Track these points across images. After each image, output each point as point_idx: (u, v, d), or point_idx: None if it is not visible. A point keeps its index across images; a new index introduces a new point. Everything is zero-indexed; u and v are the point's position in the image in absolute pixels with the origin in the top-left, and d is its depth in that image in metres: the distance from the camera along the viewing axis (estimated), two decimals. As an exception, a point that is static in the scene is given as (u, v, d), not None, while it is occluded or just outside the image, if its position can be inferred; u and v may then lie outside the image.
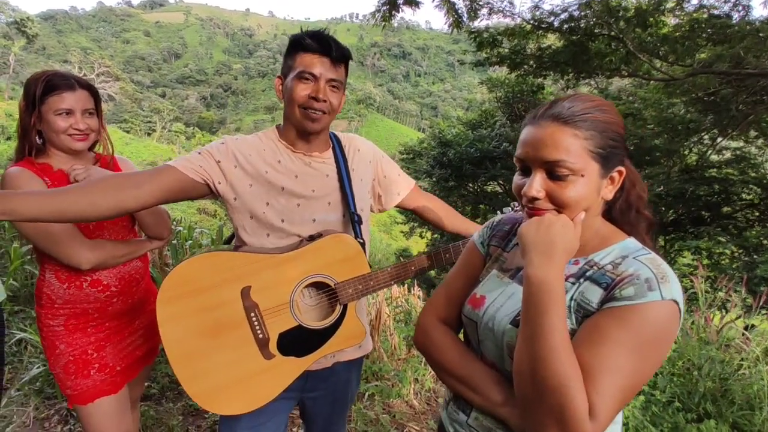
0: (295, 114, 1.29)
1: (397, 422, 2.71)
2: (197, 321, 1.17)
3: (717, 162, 10.00)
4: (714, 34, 6.03)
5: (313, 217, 1.35)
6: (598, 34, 6.27)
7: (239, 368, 1.20)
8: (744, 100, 7.53)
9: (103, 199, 1.10)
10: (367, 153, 1.50)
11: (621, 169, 0.85)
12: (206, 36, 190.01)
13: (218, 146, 1.29)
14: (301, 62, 1.27)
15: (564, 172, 0.80)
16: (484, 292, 0.97)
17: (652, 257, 0.81)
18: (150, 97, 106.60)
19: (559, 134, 0.80)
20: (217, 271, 1.20)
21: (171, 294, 1.15)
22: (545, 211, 0.83)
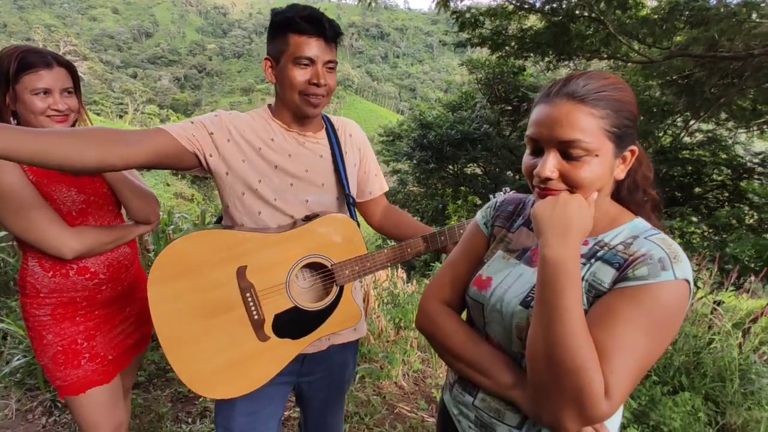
0: (295, 100, 1.25)
1: (387, 403, 2.75)
2: (191, 302, 1.13)
3: (690, 144, 10.25)
4: (692, 17, 6.12)
5: (306, 197, 1.32)
6: (579, 16, 6.29)
7: (234, 351, 1.18)
8: (716, 83, 7.71)
9: (90, 149, 0.98)
10: (357, 139, 1.48)
11: (633, 149, 0.84)
12: (178, 14, 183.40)
13: (212, 118, 1.25)
14: (296, 46, 1.21)
15: (579, 153, 0.78)
16: (490, 274, 0.96)
17: (662, 237, 0.81)
18: (120, 77, 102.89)
19: (575, 113, 0.78)
20: (212, 250, 1.16)
21: (163, 273, 1.11)
22: (557, 192, 0.82)
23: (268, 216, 1.28)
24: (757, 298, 6.07)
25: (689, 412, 2.53)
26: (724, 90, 7.77)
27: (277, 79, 1.27)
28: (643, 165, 0.92)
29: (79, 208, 1.39)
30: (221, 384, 1.16)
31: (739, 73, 7.12)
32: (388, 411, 2.66)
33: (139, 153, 1.07)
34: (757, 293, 6.05)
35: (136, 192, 1.48)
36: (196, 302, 1.14)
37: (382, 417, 2.59)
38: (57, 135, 0.96)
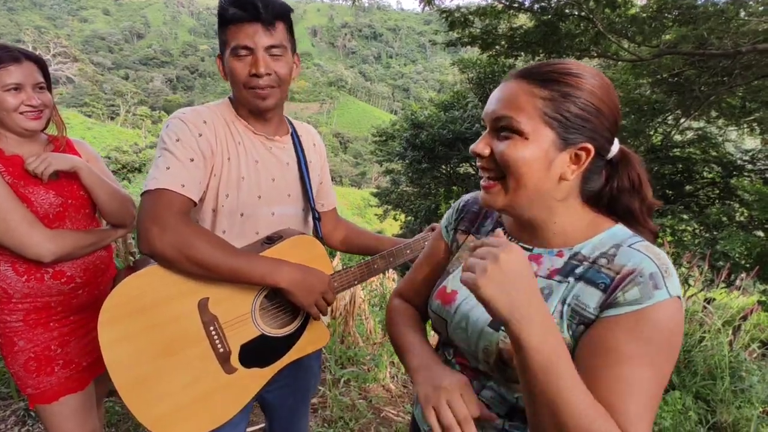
0: (242, 95, 1.17)
1: (373, 407, 2.70)
2: (148, 340, 1.05)
3: (680, 142, 10.29)
4: (680, 15, 6.12)
5: (273, 210, 1.25)
6: (569, 14, 6.28)
7: (198, 387, 1.10)
8: (706, 81, 7.74)
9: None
10: (320, 150, 1.42)
11: (587, 147, 0.72)
12: (170, 15, 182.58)
13: (195, 141, 1.12)
14: (232, 37, 1.13)
15: (507, 130, 0.72)
16: (455, 287, 0.87)
17: (647, 244, 0.72)
18: (112, 79, 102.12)
19: (515, 89, 0.73)
20: (170, 284, 1.08)
21: (114, 313, 1.02)
22: (490, 171, 0.76)
23: (235, 234, 1.20)
24: (747, 295, 6.10)
25: (680, 411, 2.51)
26: (714, 88, 7.80)
27: (227, 76, 1.20)
28: (635, 167, 0.80)
29: (56, 211, 1.35)
30: (186, 423, 1.09)
31: (729, 71, 7.15)
32: (374, 415, 2.61)
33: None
34: (748, 290, 6.08)
35: (112, 195, 1.44)
36: (155, 340, 1.06)
37: (368, 421, 2.54)
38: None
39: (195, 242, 1.03)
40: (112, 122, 62.67)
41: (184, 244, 1.02)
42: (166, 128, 1.13)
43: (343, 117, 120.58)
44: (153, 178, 1.07)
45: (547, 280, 0.77)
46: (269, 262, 1.10)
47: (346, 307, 3.35)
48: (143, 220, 1.04)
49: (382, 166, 19.86)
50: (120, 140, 44.52)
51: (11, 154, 1.32)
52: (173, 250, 1.02)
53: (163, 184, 1.06)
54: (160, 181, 1.06)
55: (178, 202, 1.06)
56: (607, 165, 0.79)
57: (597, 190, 0.79)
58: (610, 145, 0.76)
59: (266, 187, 1.23)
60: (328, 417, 2.54)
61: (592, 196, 0.80)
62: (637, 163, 0.80)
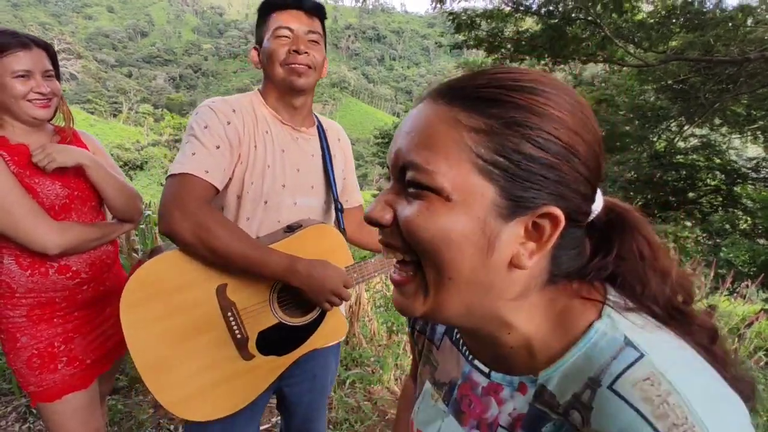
0: (279, 73, 1.20)
1: (378, 409, 2.68)
2: (168, 324, 1.07)
3: (684, 149, 10.28)
4: (687, 21, 6.12)
5: (295, 200, 1.26)
6: (576, 18, 6.28)
7: (216, 372, 1.12)
8: (711, 88, 7.73)
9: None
10: (345, 145, 1.44)
11: (552, 212, 0.42)
12: (174, 14, 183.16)
13: (223, 128, 1.15)
14: (274, 21, 1.19)
15: (415, 183, 0.44)
16: (420, 426, 0.63)
17: (645, 377, 0.39)
18: (115, 76, 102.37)
19: (432, 116, 0.44)
20: (189, 269, 1.09)
21: (136, 297, 1.04)
22: (397, 252, 0.47)
23: (257, 222, 1.22)
24: (751, 303, 6.07)
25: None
26: (719, 95, 7.79)
27: (262, 62, 1.23)
28: (636, 227, 0.49)
29: (62, 202, 1.32)
30: (204, 406, 1.11)
31: (734, 79, 7.14)
32: (379, 417, 2.59)
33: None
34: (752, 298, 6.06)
35: (119, 189, 1.41)
36: (174, 325, 1.08)
37: (373, 424, 2.51)
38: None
39: (213, 229, 1.05)
40: (114, 119, 62.75)
41: (203, 229, 1.04)
42: (195, 116, 1.17)
43: (345, 118, 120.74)
44: (179, 162, 1.10)
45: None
46: (283, 259, 1.10)
47: (351, 309, 3.33)
48: (165, 203, 1.06)
49: (384, 167, 19.84)
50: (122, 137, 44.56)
51: (17, 143, 1.28)
52: (191, 234, 1.04)
53: (187, 169, 1.08)
54: (185, 166, 1.08)
55: (200, 187, 1.09)
56: (591, 231, 0.50)
57: (576, 269, 0.48)
58: (590, 202, 0.46)
59: (291, 177, 1.25)
60: (333, 419, 2.52)
61: (565, 277, 0.49)
62: (641, 223, 0.50)
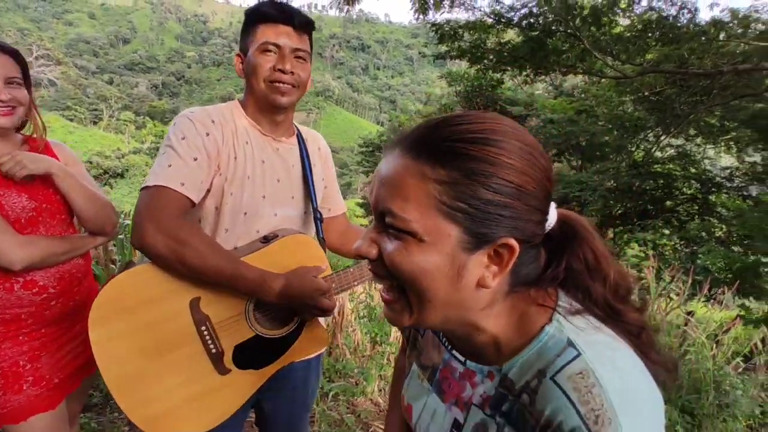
0: (261, 89, 1.19)
1: (362, 422, 2.65)
2: (139, 340, 1.05)
3: (661, 158, 10.54)
4: (663, 35, 6.31)
5: (275, 211, 1.25)
6: (556, 31, 6.42)
7: (191, 388, 1.10)
8: (686, 100, 7.96)
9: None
10: (325, 154, 1.44)
11: (509, 242, 0.52)
12: (157, 21, 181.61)
13: (201, 139, 1.14)
14: (262, 34, 1.18)
15: (394, 230, 0.53)
16: (410, 400, 0.76)
17: (579, 372, 0.51)
18: (96, 83, 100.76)
19: (401, 170, 0.53)
20: (161, 282, 1.07)
21: (105, 311, 1.02)
22: (385, 281, 0.58)
23: (236, 233, 1.20)
24: (727, 309, 6.21)
25: (666, 426, 2.51)
26: (693, 107, 8.02)
27: (245, 72, 1.22)
28: (583, 237, 0.60)
29: (29, 215, 1.27)
30: (179, 423, 1.09)
31: (708, 91, 7.36)
32: (363, 430, 2.56)
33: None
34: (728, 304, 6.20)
35: (91, 200, 1.36)
36: (146, 340, 1.06)
37: (357, 436, 2.49)
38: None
39: (187, 243, 1.03)
40: (94, 127, 61.69)
41: (177, 243, 1.02)
42: (174, 126, 1.15)
43: (329, 127, 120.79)
44: (154, 174, 1.08)
45: (481, 413, 0.62)
46: (259, 276, 1.08)
47: (333, 319, 3.30)
48: (138, 215, 1.05)
49: (368, 176, 19.89)
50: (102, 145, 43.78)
51: None
52: (164, 248, 1.02)
53: (162, 181, 1.06)
54: (160, 177, 1.07)
55: (176, 200, 1.07)
56: (547, 241, 0.60)
57: (534, 277, 0.59)
58: (542, 225, 0.56)
59: (271, 188, 1.24)
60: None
61: (524, 286, 0.59)
62: (588, 233, 0.60)
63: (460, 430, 0.65)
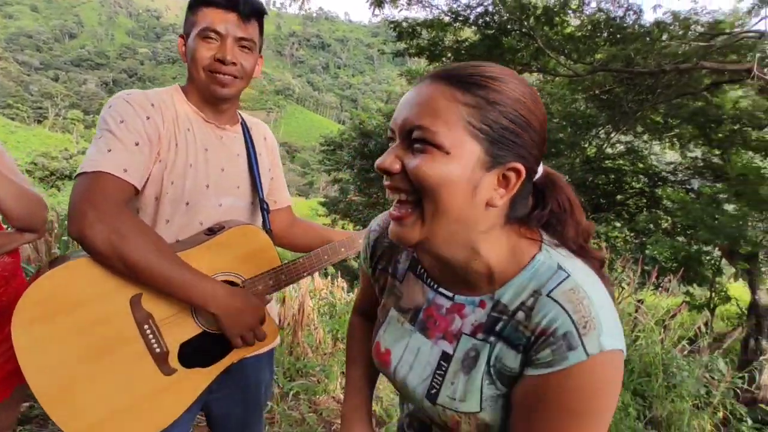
0: (201, 77, 1.13)
1: (324, 420, 2.62)
2: (73, 344, 0.96)
3: (611, 154, 10.99)
4: (611, 36, 6.58)
5: (220, 201, 1.19)
6: (511, 30, 6.58)
7: (134, 391, 1.02)
8: (633, 98, 8.32)
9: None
10: (271, 143, 1.39)
11: (517, 167, 0.60)
12: (106, 15, 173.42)
13: (141, 123, 1.06)
14: (203, 18, 1.10)
15: (421, 140, 0.59)
16: (388, 345, 0.79)
17: (569, 289, 0.60)
18: (40, 80, 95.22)
19: (432, 92, 0.60)
20: (98, 278, 0.98)
21: (32, 314, 0.92)
22: (401, 190, 0.63)
23: (177, 225, 1.13)
24: (673, 296, 6.56)
25: (620, 408, 2.62)
26: (640, 105, 8.40)
27: (187, 57, 1.15)
28: (561, 187, 0.70)
29: None
30: (121, 430, 1.01)
31: (652, 90, 7.73)
32: (325, 429, 2.53)
33: None
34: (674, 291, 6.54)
35: (16, 195, 1.26)
36: (81, 343, 0.97)
37: (318, 435, 2.45)
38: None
39: (131, 238, 0.95)
40: (39, 126, 58.24)
41: (119, 237, 0.94)
42: (109, 108, 1.06)
43: (290, 126, 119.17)
44: (92, 159, 0.99)
45: (472, 339, 0.68)
46: (204, 284, 1.02)
47: (294, 317, 3.24)
48: (77, 203, 0.95)
49: (330, 175, 19.74)
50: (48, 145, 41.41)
51: None
52: (105, 241, 0.93)
53: (103, 167, 0.98)
54: (100, 163, 0.98)
55: (118, 188, 0.99)
56: (533, 189, 0.70)
57: (524, 215, 0.69)
58: (538, 165, 0.65)
59: (215, 177, 1.17)
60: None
61: (516, 221, 0.68)
62: (566, 186, 0.71)
63: (449, 360, 0.70)
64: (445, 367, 0.70)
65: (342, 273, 5.69)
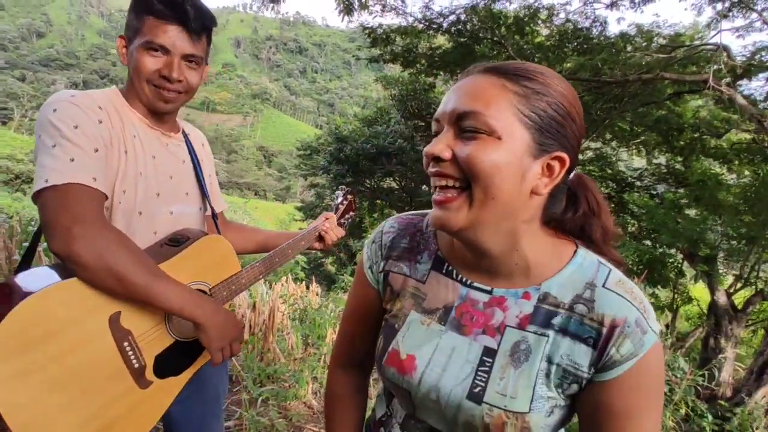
0: (143, 89, 1.10)
1: (294, 425, 2.62)
2: (50, 373, 0.91)
3: (582, 161, 11.31)
4: (578, 46, 6.78)
5: (171, 208, 1.19)
6: (483, 38, 6.70)
7: (111, 411, 1.00)
8: (601, 106, 8.58)
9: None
10: (208, 151, 1.40)
11: (562, 156, 0.63)
12: (76, 15, 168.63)
13: (95, 127, 1.02)
14: (149, 29, 1.06)
15: (475, 128, 0.61)
16: (410, 350, 0.73)
17: (619, 281, 0.65)
18: (5, 80, 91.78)
19: (482, 83, 0.63)
20: (75, 303, 0.95)
21: (6, 348, 0.88)
22: (449, 177, 0.64)
23: (131, 234, 1.11)
24: (639, 298, 6.76)
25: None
26: (608, 113, 8.67)
27: (129, 62, 1.11)
28: (591, 189, 0.72)
29: None
30: None
31: (619, 98, 7.98)
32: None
33: None
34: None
35: None
36: (59, 372, 0.93)
37: (287, 440, 2.45)
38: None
39: (117, 251, 0.93)
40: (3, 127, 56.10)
41: (106, 250, 0.92)
42: (54, 112, 0.98)
43: (267, 130, 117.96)
44: (54, 170, 0.93)
45: (520, 332, 0.67)
46: (191, 295, 1.03)
47: (265, 323, 3.23)
48: (57, 218, 0.91)
49: (307, 180, 19.68)
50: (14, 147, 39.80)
51: None
52: (93, 255, 0.91)
53: (71, 177, 0.93)
54: (67, 174, 0.93)
55: (93, 198, 0.96)
56: (568, 191, 0.71)
57: (558, 215, 0.71)
58: (577, 156, 0.67)
59: (164, 185, 1.17)
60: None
61: (551, 220, 0.70)
62: (594, 187, 0.72)
63: (493, 355, 0.68)
64: (489, 363, 0.68)
65: (318, 278, 5.66)
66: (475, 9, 6.29)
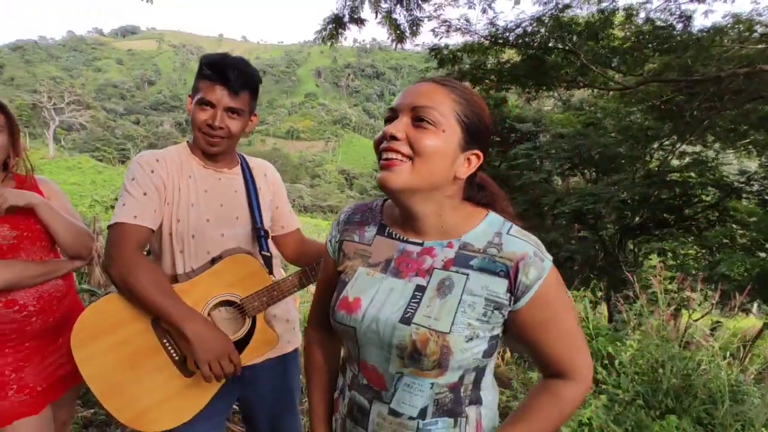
0: (197, 136, 1.37)
1: None
2: (114, 356, 1.28)
3: (678, 167, 10.32)
4: (659, 46, 6.31)
5: (222, 231, 1.40)
6: (553, 48, 6.49)
7: (164, 390, 1.30)
8: (698, 106, 7.85)
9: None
10: (272, 178, 1.59)
11: (479, 153, 0.87)
12: (179, 62, 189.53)
13: (143, 178, 1.33)
14: (202, 88, 1.34)
15: (428, 118, 0.82)
16: (357, 294, 0.93)
17: (517, 229, 0.89)
18: (124, 124, 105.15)
19: (433, 89, 0.85)
20: (126, 308, 1.29)
21: (82, 336, 1.26)
22: (400, 153, 0.83)
23: (188, 254, 1.36)
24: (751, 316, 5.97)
25: (679, 437, 2.44)
26: (707, 113, 7.90)
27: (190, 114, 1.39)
28: (489, 184, 0.98)
29: (10, 243, 1.44)
30: (160, 417, 1.28)
31: (719, 96, 7.26)
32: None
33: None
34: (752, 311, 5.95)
35: (68, 229, 1.53)
36: (119, 355, 1.28)
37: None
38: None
39: (135, 274, 1.22)
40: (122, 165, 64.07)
41: (128, 274, 1.22)
42: (127, 171, 1.35)
43: (348, 154, 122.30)
44: (115, 214, 1.28)
45: (444, 272, 0.88)
46: (185, 313, 1.24)
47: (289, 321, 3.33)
48: (107, 248, 1.27)
49: (386, 200, 19.94)
50: (129, 183, 45.11)
51: None
52: (119, 277, 1.23)
53: (118, 218, 1.26)
54: (118, 216, 1.27)
55: (133, 232, 1.26)
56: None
57: (472, 195, 0.95)
58: (487, 157, 0.90)
59: (215, 212, 1.40)
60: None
61: (469, 198, 0.94)
62: (491, 183, 0.99)
63: (423, 290, 0.88)
64: (419, 296, 0.88)
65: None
66: (540, 20, 6.14)
